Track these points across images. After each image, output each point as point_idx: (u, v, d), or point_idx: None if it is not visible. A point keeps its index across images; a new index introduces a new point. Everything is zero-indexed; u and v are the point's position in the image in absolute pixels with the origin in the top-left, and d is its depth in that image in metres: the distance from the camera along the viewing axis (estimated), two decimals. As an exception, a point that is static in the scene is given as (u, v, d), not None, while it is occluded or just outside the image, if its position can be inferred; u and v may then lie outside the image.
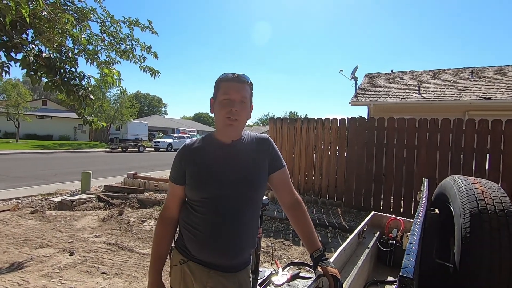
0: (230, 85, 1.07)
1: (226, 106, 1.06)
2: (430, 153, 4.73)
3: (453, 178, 1.34)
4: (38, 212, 5.00)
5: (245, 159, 1.13)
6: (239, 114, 1.07)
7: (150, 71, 4.22)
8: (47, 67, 3.21)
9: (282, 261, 3.40)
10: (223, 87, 1.08)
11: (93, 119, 3.93)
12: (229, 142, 1.14)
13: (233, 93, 1.07)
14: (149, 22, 4.00)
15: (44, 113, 29.96)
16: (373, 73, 12.79)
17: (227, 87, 1.07)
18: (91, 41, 3.89)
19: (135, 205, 5.66)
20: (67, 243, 3.65)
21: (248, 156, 1.14)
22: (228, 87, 1.07)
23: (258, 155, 1.16)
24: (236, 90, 1.07)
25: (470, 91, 9.00)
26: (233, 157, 1.12)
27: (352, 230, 4.33)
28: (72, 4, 3.68)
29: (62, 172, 10.18)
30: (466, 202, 1.09)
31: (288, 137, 6.01)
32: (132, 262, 3.17)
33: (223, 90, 1.07)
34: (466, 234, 1.01)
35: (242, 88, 1.09)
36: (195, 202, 1.12)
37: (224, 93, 1.07)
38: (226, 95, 1.06)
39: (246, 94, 1.10)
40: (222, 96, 1.07)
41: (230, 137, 1.13)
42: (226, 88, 1.07)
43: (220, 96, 1.08)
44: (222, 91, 1.07)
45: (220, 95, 1.08)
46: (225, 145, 1.13)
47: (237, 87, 1.08)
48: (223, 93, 1.07)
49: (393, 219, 2.07)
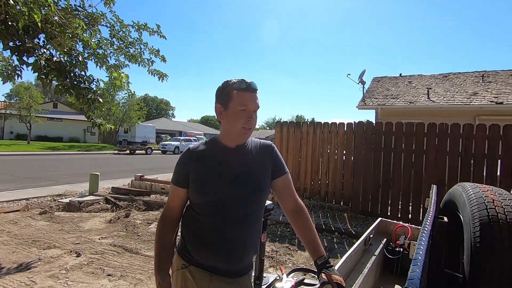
0: (246, 95, 1.08)
1: (243, 117, 1.07)
2: (439, 159, 4.65)
3: (462, 185, 1.30)
4: (47, 213, 5.08)
5: (250, 163, 1.14)
6: (254, 123, 1.10)
7: (158, 75, 4.27)
8: (58, 70, 3.28)
9: (287, 266, 3.37)
10: (239, 96, 1.07)
11: (101, 121, 4.00)
12: (234, 147, 1.14)
13: (250, 104, 1.08)
14: (158, 27, 4.05)
15: (55, 116, 30.58)
16: (381, 77, 12.68)
17: (244, 97, 1.07)
18: (101, 45, 3.97)
19: (141, 207, 5.70)
20: (74, 244, 3.69)
21: (253, 161, 1.15)
22: (245, 98, 1.07)
23: (262, 160, 1.17)
24: (252, 100, 1.09)
25: (481, 95, 8.84)
26: (237, 161, 1.13)
27: (358, 235, 4.27)
28: (83, 9, 3.76)
29: (71, 173, 10.34)
30: (476, 211, 1.06)
31: (294, 141, 5.98)
32: (137, 265, 3.19)
33: (238, 100, 1.07)
34: (476, 243, 0.98)
35: (256, 98, 1.11)
36: (198, 205, 1.12)
37: (241, 104, 1.07)
38: (244, 106, 1.07)
39: (258, 103, 1.12)
40: (239, 107, 1.07)
41: (237, 143, 1.14)
42: (242, 99, 1.07)
43: (236, 106, 1.07)
44: (238, 101, 1.07)
45: (235, 105, 1.07)
46: (229, 149, 1.14)
47: (253, 97, 1.09)
48: (239, 104, 1.07)
49: (401, 226, 2.02)
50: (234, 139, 1.13)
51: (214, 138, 1.19)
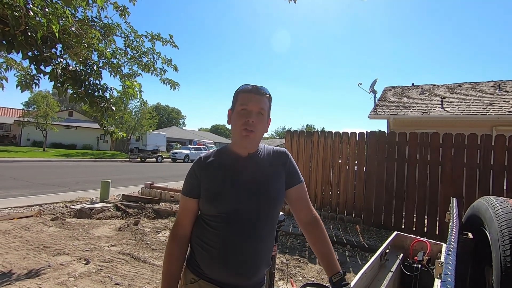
0: (248, 96, 1.06)
1: (242, 117, 1.04)
2: (456, 170, 4.49)
3: (487, 199, 1.22)
4: (59, 219, 5.13)
5: (263, 172, 1.09)
6: (256, 126, 1.04)
7: (170, 84, 4.32)
8: (73, 79, 3.36)
9: (298, 279, 3.27)
10: (242, 98, 1.06)
11: (114, 129, 4.05)
12: (246, 155, 1.10)
13: (250, 104, 1.05)
14: (170, 37, 4.13)
15: (70, 123, 31.43)
16: (393, 87, 12.53)
17: (246, 98, 1.06)
18: (115, 54, 4.06)
19: (150, 215, 5.70)
20: (83, 251, 3.69)
21: (266, 170, 1.11)
22: (246, 98, 1.05)
23: (275, 168, 1.12)
24: (254, 101, 1.05)
25: (497, 105, 8.59)
26: (250, 170, 1.08)
27: (371, 249, 4.13)
28: (99, 20, 3.87)
29: (84, 180, 10.51)
30: (505, 227, 0.98)
31: (304, 151, 5.91)
32: (145, 274, 3.15)
33: (241, 101, 1.06)
34: (507, 263, 0.91)
35: (260, 100, 1.07)
36: (210, 217, 1.06)
37: (241, 104, 1.05)
38: (244, 105, 1.05)
39: (264, 106, 1.07)
40: (239, 107, 1.05)
41: (247, 149, 1.10)
42: (244, 99, 1.05)
43: (237, 107, 1.06)
44: (240, 102, 1.06)
45: (237, 105, 1.06)
46: (241, 158, 1.10)
47: (255, 99, 1.06)
48: (240, 104, 1.05)
49: (418, 241, 1.93)
50: (239, 144, 1.09)
51: (226, 147, 1.16)
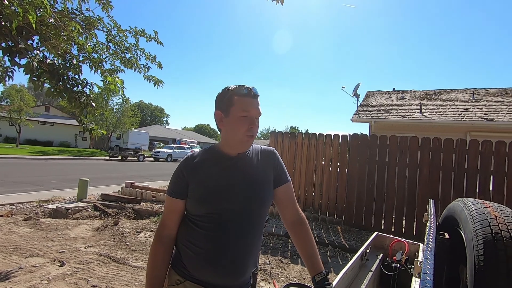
0: (248, 101, 1.04)
1: (245, 123, 1.03)
2: (433, 173, 4.67)
3: (463, 201, 1.28)
4: (32, 219, 4.89)
5: (252, 172, 1.09)
6: (256, 130, 1.06)
7: (153, 81, 4.22)
8: (51, 73, 3.21)
9: (280, 280, 3.28)
10: (240, 102, 1.03)
11: (93, 126, 3.91)
12: (235, 155, 1.09)
13: (252, 110, 1.04)
14: (155, 33, 4.04)
15: (46, 119, 30.08)
16: (375, 91, 12.88)
17: (246, 103, 1.03)
18: (97, 49, 3.92)
19: (131, 216, 5.55)
20: (58, 253, 3.53)
21: (255, 169, 1.10)
22: (247, 103, 1.03)
23: (264, 168, 1.12)
24: (255, 106, 1.05)
25: (471, 112, 9.02)
26: (239, 170, 1.07)
27: (352, 249, 4.21)
28: (80, 13, 3.72)
29: (60, 178, 10.08)
30: (479, 228, 1.03)
31: (289, 152, 5.96)
32: (123, 276, 3.06)
33: (240, 106, 1.03)
34: (480, 262, 0.94)
35: (258, 104, 1.07)
36: (197, 217, 1.04)
37: (243, 110, 1.03)
38: (246, 112, 1.03)
39: (261, 109, 1.08)
40: (240, 113, 1.03)
41: (239, 151, 1.09)
42: (245, 105, 1.03)
43: (237, 112, 1.03)
44: (240, 107, 1.03)
45: (237, 111, 1.03)
46: (230, 158, 1.09)
47: (255, 103, 1.05)
48: (241, 110, 1.03)
49: (397, 241, 1.98)
50: (235, 147, 1.08)
51: (214, 147, 1.14)
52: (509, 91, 10.57)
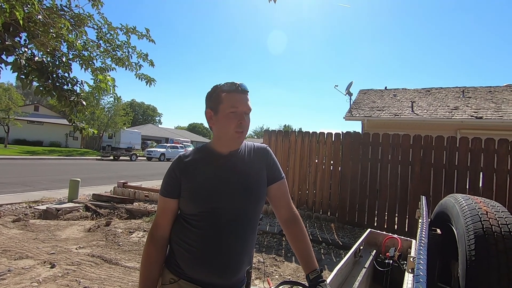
0: (236, 97, 1.03)
1: (234, 119, 1.02)
2: (424, 170, 4.73)
3: (454, 197, 1.29)
4: (21, 221, 4.80)
5: (245, 170, 1.08)
6: (246, 126, 1.05)
7: (145, 79, 4.17)
8: (39, 71, 3.14)
9: (274, 278, 3.29)
10: (228, 99, 1.02)
11: (84, 125, 3.84)
12: (227, 153, 1.08)
13: (240, 106, 1.03)
14: (147, 31, 3.98)
15: (35, 119, 29.50)
16: (367, 89, 12.99)
17: (234, 99, 1.02)
18: (87, 47, 3.85)
19: (123, 216, 5.49)
20: (48, 254, 3.47)
21: (248, 167, 1.09)
22: (235, 99, 1.02)
23: (256, 165, 1.11)
24: (243, 102, 1.04)
25: (461, 110, 9.17)
26: (232, 168, 1.07)
27: (346, 246, 4.24)
28: (69, 9, 3.64)
29: (50, 179, 9.90)
30: (470, 223, 1.04)
31: (282, 150, 5.96)
32: (116, 277, 3.02)
33: (229, 103, 1.02)
34: (472, 257, 0.96)
35: (247, 99, 1.06)
36: (191, 216, 1.04)
37: (231, 106, 1.02)
38: (234, 108, 1.02)
39: (250, 104, 1.06)
40: (229, 109, 1.02)
41: (230, 148, 1.08)
42: (233, 101, 1.02)
43: (226, 109, 1.02)
44: (229, 104, 1.02)
45: (225, 107, 1.02)
46: (222, 156, 1.08)
47: (244, 99, 1.04)
48: (230, 106, 1.02)
49: (390, 238, 2.00)
50: (227, 145, 1.07)
51: (206, 145, 1.13)
52: (498, 89, 10.79)
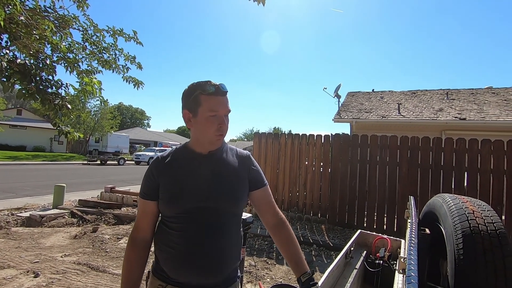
0: (215, 100, 1.00)
1: (214, 123, 1.00)
2: (412, 170, 4.82)
3: (442, 197, 1.32)
4: (2, 229, 4.62)
5: (222, 170, 1.07)
6: (226, 129, 1.04)
7: (133, 82, 4.10)
8: (22, 73, 3.04)
9: (265, 281, 3.27)
10: (207, 101, 1.00)
11: (69, 129, 3.73)
12: (205, 153, 1.07)
13: (220, 109, 1.01)
14: (134, 33, 3.93)
15: (18, 123, 28.59)
16: (355, 92, 13.20)
17: (213, 102, 1.00)
18: (72, 49, 3.76)
19: (111, 221, 5.36)
20: (32, 263, 3.34)
21: (226, 167, 1.08)
22: (214, 103, 1.00)
23: (236, 167, 1.10)
24: (223, 105, 1.02)
25: (446, 111, 9.43)
26: (210, 169, 1.05)
27: (336, 247, 4.27)
28: (54, 10, 3.56)
29: (34, 185, 9.59)
30: (458, 222, 1.06)
31: (272, 153, 5.97)
32: (104, 284, 2.93)
33: (208, 106, 1.00)
34: (460, 256, 0.97)
35: (226, 101, 1.04)
36: (170, 218, 1.03)
37: (210, 110, 1.00)
38: (214, 111, 1.00)
39: (229, 106, 1.05)
40: (208, 113, 1.00)
41: (210, 149, 1.07)
42: (212, 104, 1.00)
43: (205, 112, 1.00)
44: (207, 107, 1.00)
45: (204, 111, 1.00)
46: (201, 156, 1.07)
47: (223, 101, 1.02)
48: (209, 109, 1.00)
49: (380, 238, 2.02)
50: (205, 146, 1.07)
51: (184, 145, 1.12)
52: (479, 91, 11.15)
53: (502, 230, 1.01)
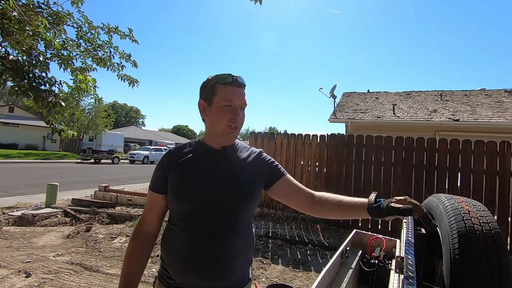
0: (231, 90, 0.98)
1: (228, 113, 0.97)
2: (406, 171, 4.86)
3: (437, 197, 1.32)
4: (-6, 228, 4.54)
5: (235, 166, 1.03)
6: (240, 121, 1.00)
7: (128, 80, 4.06)
8: (14, 70, 2.99)
9: (261, 281, 3.26)
10: (223, 91, 0.98)
11: (63, 127, 3.68)
12: (218, 148, 1.05)
13: (236, 99, 0.98)
14: (130, 30, 3.89)
15: (10, 120, 28.14)
16: (351, 92, 13.27)
17: (229, 92, 0.98)
18: (66, 46, 3.71)
19: (105, 221, 5.31)
20: (23, 263, 3.29)
21: (239, 164, 1.04)
22: (230, 92, 0.98)
23: (250, 164, 1.07)
24: (239, 96, 0.99)
25: (440, 112, 9.53)
26: (222, 164, 1.02)
27: (331, 247, 4.28)
28: (47, 7, 3.51)
29: (26, 184, 9.45)
30: (453, 222, 1.06)
31: (268, 152, 5.96)
32: (97, 284, 2.90)
33: (223, 95, 0.97)
34: (455, 256, 0.98)
35: (243, 93, 1.01)
36: (177, 215, 0.99)
37: (225, 99, 0.97)
38: (229, 101, 0.97)
39: (246, 99, 1.02)
40: (223, 102, 0.97)
41: (223, 144, 1.04)
42: (228, 94, 0.98)
43: (220, 101, 0.98)
44: (222, 96, 0.97)
45: (219, 99, 0.98)
46: (213, 151, 1.04)
47: (239, 92, 1.00)
48: (224, 99, 0.97)
49: (375, 238, 2.03)
50: (218, 139, 1.03)
51: (198, 139, 1.10)
52: (473, 93, 11.30)
53: (497, 230, 1.01)
